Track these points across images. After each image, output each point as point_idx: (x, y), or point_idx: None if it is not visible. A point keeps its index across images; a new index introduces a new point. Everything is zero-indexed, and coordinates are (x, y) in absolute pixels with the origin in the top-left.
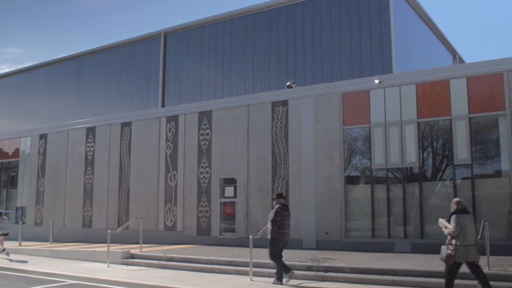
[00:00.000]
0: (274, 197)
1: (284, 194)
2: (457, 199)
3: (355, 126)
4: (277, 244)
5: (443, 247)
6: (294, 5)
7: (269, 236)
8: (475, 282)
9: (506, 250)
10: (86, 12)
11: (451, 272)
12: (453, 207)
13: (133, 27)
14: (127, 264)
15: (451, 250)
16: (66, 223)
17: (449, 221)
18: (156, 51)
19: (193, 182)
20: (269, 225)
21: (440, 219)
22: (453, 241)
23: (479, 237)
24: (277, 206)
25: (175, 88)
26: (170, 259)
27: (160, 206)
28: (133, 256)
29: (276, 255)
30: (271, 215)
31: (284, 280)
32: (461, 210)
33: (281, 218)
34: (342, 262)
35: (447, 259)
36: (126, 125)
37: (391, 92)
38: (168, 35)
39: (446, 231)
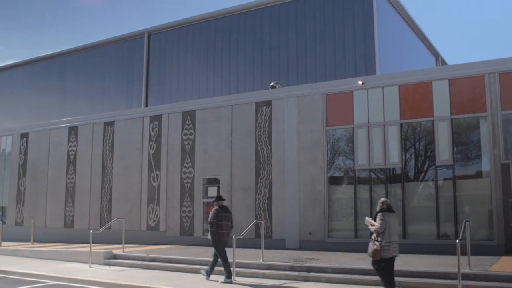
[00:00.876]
0: (214, 199)
1: (223, 197)
2: (382, 199)
3: (338, 126)
4: (218, 243)
5: (370, 243)
6: (278, 6)
7: (209, 237)
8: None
9: (487, 250)
10: (69, 10)
11: (383, 268)
12: (379, 206)
13: (117, 26)
14: (109, 264)
15: (377, 245)
16: (47, 223)
17: (375, 219)
18: (140, 50)
19: (176, 182)
20: (209, 227)
21: (367, 218)
22: (379, 238)
23: (460, 237)
24: (214, 208)
25: (159, 88)
26: (153, 259)
27: (143, 206)
28: (115, 257)
29: (223, 254)
30: (209, 217)
31: (222, 279)
32: (386, 209)
33: (218, 219)
34: (325, 262)
35: (374, 254)
36: (109, 124)
37: (374, 93)
38: (152, 34)
39: (372, 228)
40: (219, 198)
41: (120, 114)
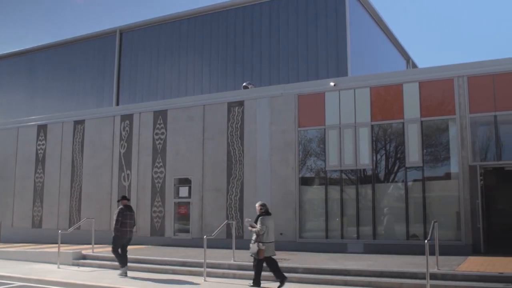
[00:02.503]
0: (118, 199)
1: (128, 196)
2: (260, 202)
3: (310, 127)
4: (119, 240)
5: (251, 244)
6: (251, 6)
7: (113, 234)
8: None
9: (455, 250)
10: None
11: (260, 265)
12: (259, 209)
13: (88, 23)
14: (78, 265)
15: (262, 246)
16: (14, 223)
17: (256, 222)
18: (112, 48)
19: (147, 182)
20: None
21: (246, 220)
22: (259, 239)
23: (428, 237)
24: (119, 207)
25: (130, 87)
26: None
27: (113, 206)
28: (84, 257)
29: (116, 250)
30: (114, 215)
31: (119, 272)
32: (265, 213)
33: (123, 217)
34: (295, 263)
35: (260, 254)
36: (79, 123)
37: (346, 94)
38: (124, 32)
39: (253, 230)
40: (123, 197)
41: (90, 112)
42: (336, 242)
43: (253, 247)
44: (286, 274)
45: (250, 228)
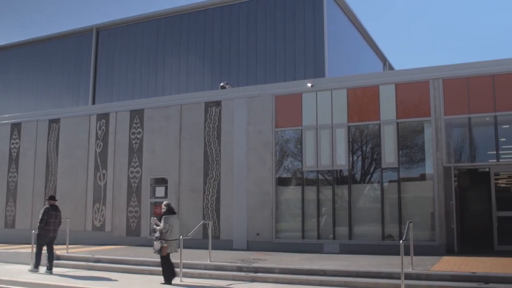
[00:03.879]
0: (46, 198)
1: (55, 196)
2: (165, 202)
3: (287, 128)
4: (43, 239)
5: (155, 242)
6: (229, 6)
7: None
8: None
9: (429, 250)
10: (12, 2)
11: (167, 261)
12: (163, 208)
13: (64, 21)
14: None
15: (164, 243)
16: None
17: (160, 220)
18: (88, 46)
19: (123, 182)
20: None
21: (152, 218)
22: (163, 236)
23: (403, 238)
24: (45, 206)
25: (107, 85)
26: (98, 260)
27: (88, 206)
28: (58, 258)
29: (40, 249)
30: (40, 214)
31: (30, 267)
32: (169, 212)
33: (48, 217)
34: (272, 263)
35: (163, 251)
36: (54, 121)
37: (323, 95)
38: (100, 31)
39: (157, 228)
40: (50, 197)
41: (66, 111)
42: (312, 242)
43: (156, 244)
44: (262, 275)
45: (154, 226)
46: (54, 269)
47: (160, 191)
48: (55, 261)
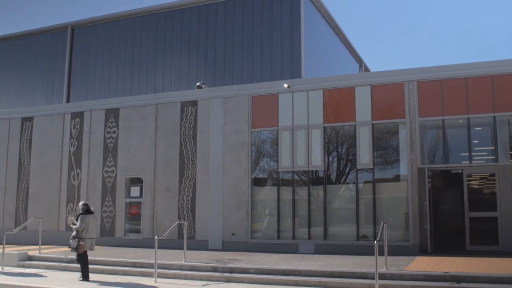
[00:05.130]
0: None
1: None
2: (82, 202)
3: (263, 128)
4: None
5: (71, 241)
6: (207, 6)
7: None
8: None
9: (403, 251)
10: None
11: (85, 259)
12: (80, 208)
13: (39, 18)
14: (24, 266)
15: (81, 241)
16: None
17: (77, 220)
18: (63, 44)
19: (98, 181)
20: None
21: (69, 217)
22: (79, 235)
23: (378, 238)
24: None
25: (82, 84)
26: (71, 261)
27: (61, 206)
28: (31, 258)
29: None
30: None
31: None
32: (86, 211)
33: None
34: (247, 263)
35: (80, 248)
36: (27, 120)
37: (299, 96)
38: (75, 28)
39: (74, 227)
40: None
41: (39, 109)
42: (287, 243)
43: (73, 242)
44: (237, 275)
45: (71, 225)
46: (26, 270)
47: (135, 191)
48: (27, 262)
